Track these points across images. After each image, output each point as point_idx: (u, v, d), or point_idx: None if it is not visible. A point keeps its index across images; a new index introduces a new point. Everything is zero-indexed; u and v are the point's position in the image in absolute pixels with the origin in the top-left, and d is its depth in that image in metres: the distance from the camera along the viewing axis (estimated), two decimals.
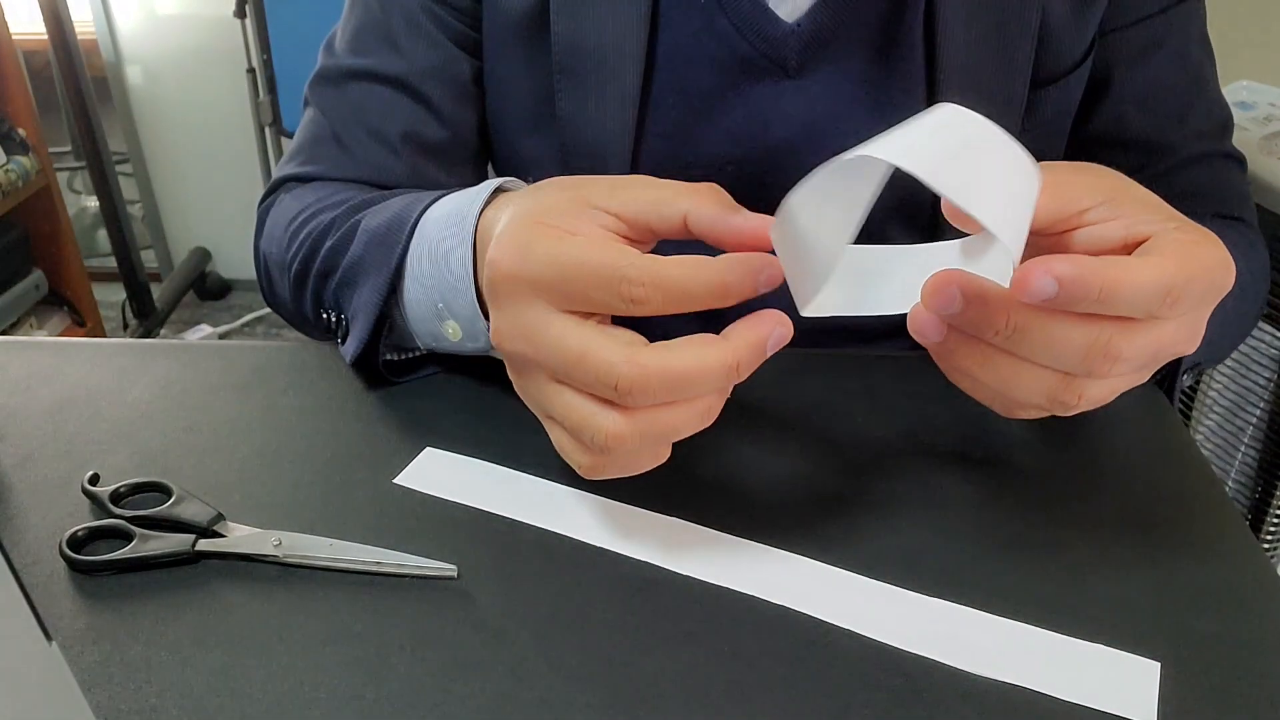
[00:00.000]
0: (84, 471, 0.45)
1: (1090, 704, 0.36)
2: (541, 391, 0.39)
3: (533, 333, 0.37)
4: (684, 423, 0.37)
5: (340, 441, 0.49)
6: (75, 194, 2.53)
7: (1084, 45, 0.60)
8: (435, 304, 0.48)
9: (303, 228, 0.57)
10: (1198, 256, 0.35)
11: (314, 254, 0.55)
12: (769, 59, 0.58)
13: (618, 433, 0.36)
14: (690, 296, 0.36)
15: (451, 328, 0.49)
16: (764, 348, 0.36)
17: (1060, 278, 0.33)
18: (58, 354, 0.57)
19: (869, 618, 0.39)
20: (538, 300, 0.37)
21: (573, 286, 0.36)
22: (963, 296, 0.35)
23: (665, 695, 0.36)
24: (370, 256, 0.50)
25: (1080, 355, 0.35)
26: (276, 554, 0.41)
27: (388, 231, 0.50)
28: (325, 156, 0.63)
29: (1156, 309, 0.34)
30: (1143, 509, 0.45)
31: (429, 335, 0.51)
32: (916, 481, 0.47)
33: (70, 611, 0.39)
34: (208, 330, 2.34)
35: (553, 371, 0.37)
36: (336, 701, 0.35)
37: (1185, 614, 0.40)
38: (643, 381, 0.35)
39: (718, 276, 0.36)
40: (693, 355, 0.35)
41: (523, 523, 0.44)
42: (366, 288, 0.50)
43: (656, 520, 0.44)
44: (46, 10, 1.88)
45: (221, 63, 2.20)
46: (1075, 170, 0.39)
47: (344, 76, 0.63)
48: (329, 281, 0.54)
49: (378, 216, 0.52)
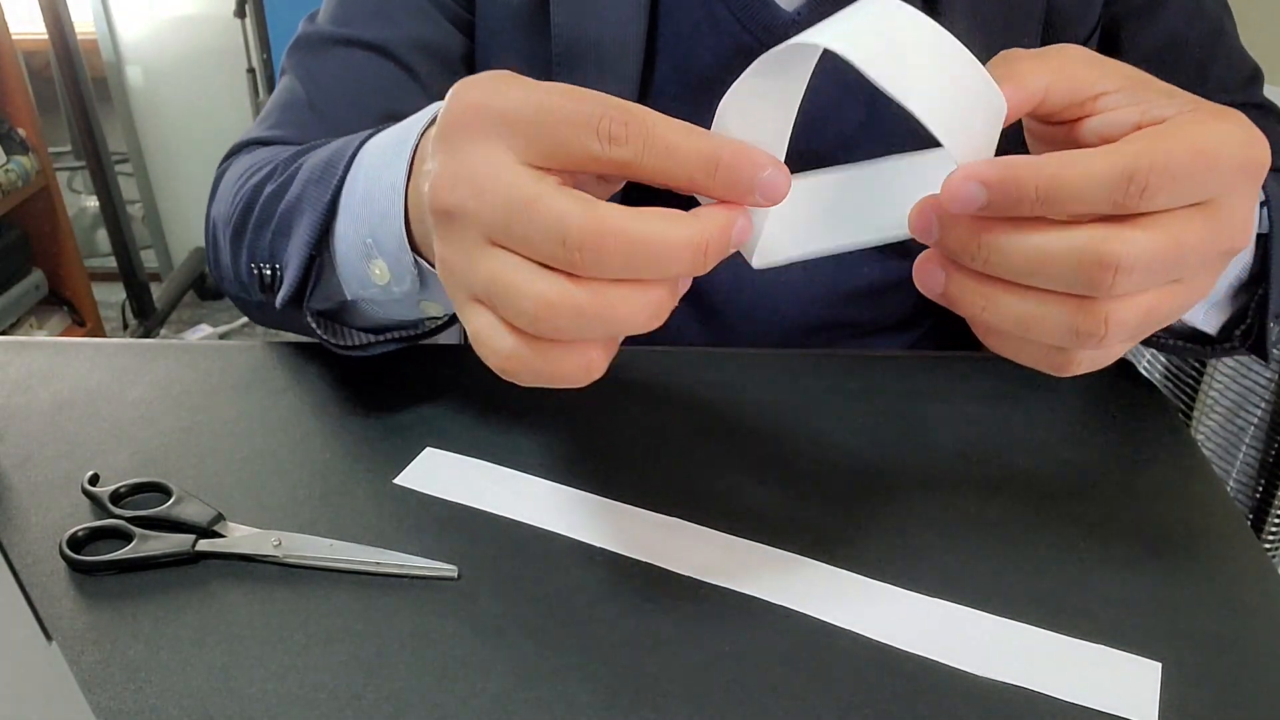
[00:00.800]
0: (84, 471, 0.45)
1: (1091, 704, 0.36)
2: (470, 257, 0.32)
3: (481, 177, 0.32)
4: (630, 311, 0.31)
5: (340, 441, 0.49)
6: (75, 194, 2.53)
7: (1092, 19, 0.59)
8: (364, 239, 0.44)
9: (247, 181, 0.53)
10: (1188, 134, 0.31)
11: (252, 204, 0.51)
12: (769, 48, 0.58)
13: (551, 299, 0.30)
14: (674, 154, 0.31)
15: (379, 268, 0.44)
16: (731, 232, 0.32)
17: (986, 180, 0.30)
18: (58, 354, 0.57)
19: (869, 618, 0.39)
20: (498, 142, 0.32)
21: (545, 126, 0.31)
22: (939, 222, 0.32)
23: (665, 695, 0.36)
24: (306, 195, 0.46)
25: (1072, 267, 0.30)
26: (276, 554, 0.41)
27: (325, 167, 0.46)
28: (295, 121, 0.60)
29: (1122, 199, 0.30)
30: (1143, 509, 0.45)
31: (356, 280, 0.46)
32: (916, 481, 0.47)
33: (70, 611, 0.39)
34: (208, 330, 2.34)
35: (491, 227, 0.32)
36: (336, 701, 0.35)
37: (1186, 614, 0.40)
38: (597, 237, 0.30)
39: (711, 146, 0.31)
40: (659, 223, 0.30)
41: (523, 523, 0.44)
42: (300, 228, 0.46)
43: (656, 520, 0.44)
44: (46, 10, 1.88)
45: (221, 63, 2.20)
46: (1091, 58, 0.35)
47: (325, 42, 0.61)
48: (264, 231, 0.49)
49: (318, 155, 0.48)
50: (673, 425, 0.51)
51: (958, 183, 0.31)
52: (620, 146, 0.30)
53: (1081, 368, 0.35)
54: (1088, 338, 0.32)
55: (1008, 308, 0.33)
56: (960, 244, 0.32)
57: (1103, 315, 0.31)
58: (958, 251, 0.32)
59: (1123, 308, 0.32)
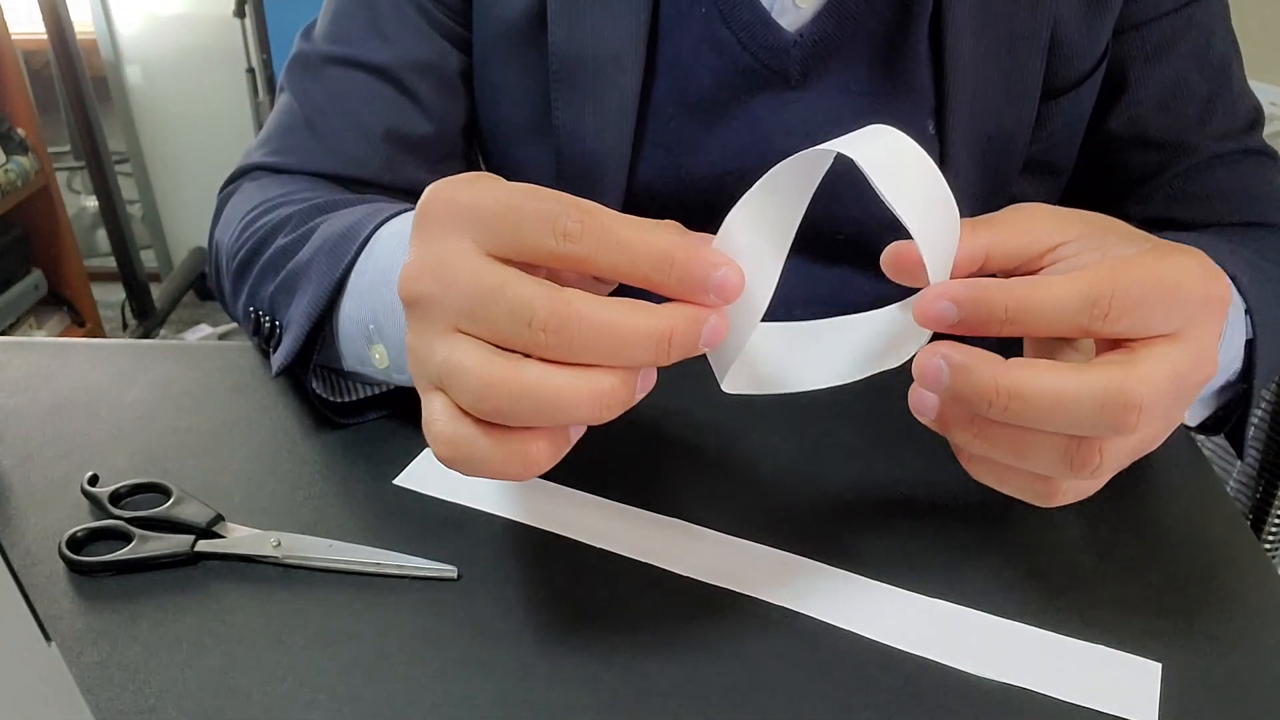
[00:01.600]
0: (83, 472, 0.45)
1: (1091, 705, 0.36)
2: (431, 343, 0.33)
3: (448, 268, 0.32)
4: (577, 396, 0.31)
5: (340, 442, 0.49)
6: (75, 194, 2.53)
7: (1097, 53, 0.59)
8: (367, 324, 0.45)
9: (258, 219, 0.53)
10: (1149, 264, 0.32)
11: (261, 248, 0.51)
12: (771, 69, 0.58)
13: (496, 378, 0.30)
14: (628, 251, 0.31)
15: (379, 353, 0.45)
16: (699, 329, 0.32)
17: (957, 298, 0.32)
18: (57, 354, 0.57)
19: (869, 618, 0.39)
20: (464, 236, 0.32)
21: (507, 220, 0.32)
22: (949, 368, 0.32)
23: (665, 695, 0.36)
24: (317, 264, 0.47)
25: (1096, 410, 0.31)
26: (276, 555, 0.41)
27: (339, 241, 0.46)
28: (296, 147, 0.60)
29: (1086, 323, 0.31)
30: (1143, 509, 0.45)
31: (355, 357, 0.47)
32: (916, 481, 0.47)
33: (70, 612, 0.39)
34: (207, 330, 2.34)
35: (458, 313, 0.32)
36: (336, 701, 0.35)
37: (1186, 614, 0.40)
38: (562, 319, 0.30)
39: (666, 244, 0.31)
40: (624, 310, 0.31)
41: (523, 523, 0.44)
42: (306, 296, 0.47)
43: (656, 520, 0.44)
44: (46, 10, 1.88)
45: (221, 63, 2.20)
46: (1051, 212, 0.37)
47: (323, 62, 0.61)
48: (268, 281, 0.50)
49: (336, 223, 0.48)
50: (673, 426, 0.50)
51: (931, 300, 0.32)
52: (575, 243, 0.31)
53: (1067, 498, 0.35)
54: (1081, 468, 0.33)
55: (1002, 437, 0.33)
56: (977, 392, 0.32)
57: (1097, 446, 0.32)
58: (974, 400, 0.32)
59: (1120, 440, 0.33)
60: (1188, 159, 0.61)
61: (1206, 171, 0.61)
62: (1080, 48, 0.58)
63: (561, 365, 0.31)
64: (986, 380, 0.31)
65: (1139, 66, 0.60)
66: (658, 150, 0.60)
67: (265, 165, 0.61)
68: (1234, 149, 0.61)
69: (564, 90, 0.58)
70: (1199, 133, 0.61)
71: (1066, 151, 0.63)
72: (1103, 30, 0.58)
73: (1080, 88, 0.59)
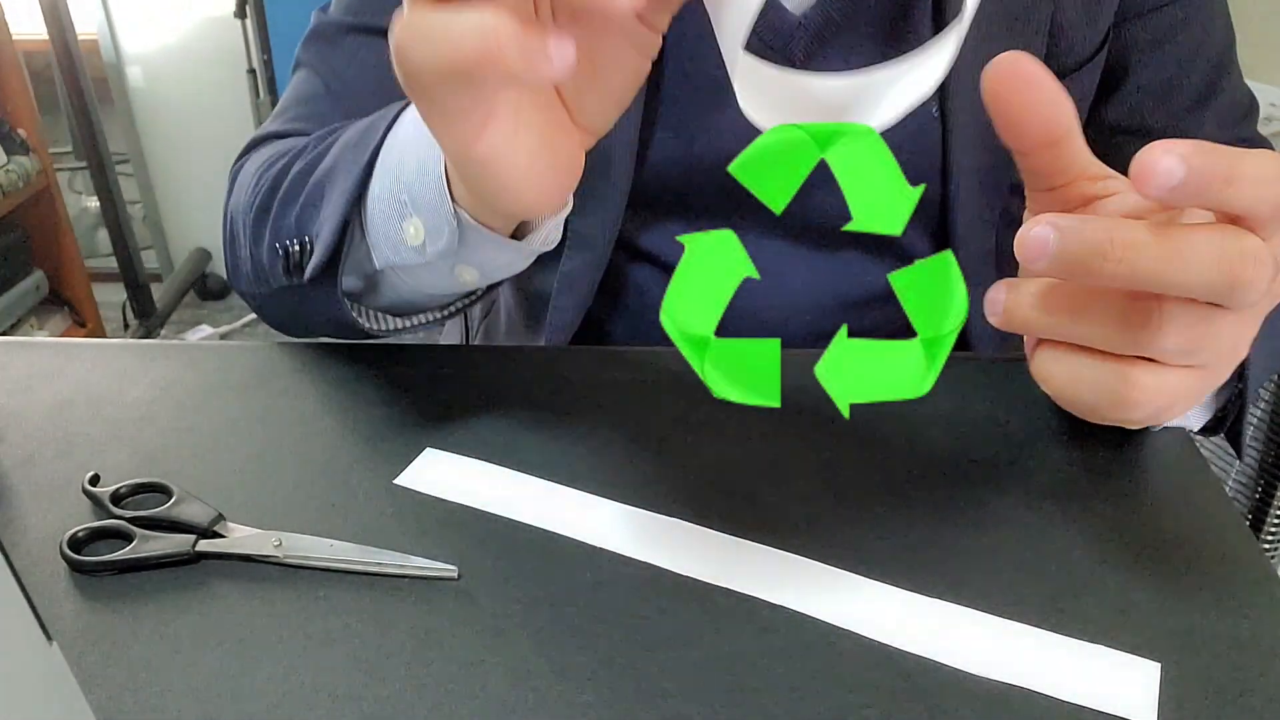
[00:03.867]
0: (84, 472, 0.45)
1: (1090, 704, 0.36)
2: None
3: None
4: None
5: (340, 442, 0.49)
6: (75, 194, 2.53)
7: (1097, 39, 0.59)
8: (399, 196, 0.45)
9: (271, 166, 0.53)
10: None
11: (279, 183, 0.51)
12: (774, 50, 0.58)
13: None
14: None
15: (413, 226, 0.45)
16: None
17: (1186, 155, 0.29)
18: (58, 354, 0.57)
19: (869, 618, 0.39)
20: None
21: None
22: (1057, 231, 0.31)
23: (665, 695, 0.36)
24: (341, 162, 0.47)
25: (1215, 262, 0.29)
26: (277, 554, 0.41)
27: (364, 132, 0.47)
28: (316, 113, 0.59)
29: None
30: (1143, 509, 0.45)
31: (388, 244, 0.47)
32: (916, 481, 0.47)
33: (70, 612, 0.39)
34: (208, 330, 2.34)
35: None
36: (336, 701, 0.35)
37: (1185, 614, 0.40)
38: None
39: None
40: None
41: (523, 523, 0.44)
42: (334, 194, 0.46)
43: (657, 520, 0.44)
44: (47, 11, 1.88)
45: (221, 63, 2.20)
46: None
47: (342, 31, 0.60)
48: (291, 208, 0.49)
49: (355, 127, 0.48)
50: (673, 425, 0.51)
51: (1157, 158, 0.29)
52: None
53: (1142, 403, 0.34)
54: (1182, 335, 0.32)
55: (1099, 307, 0.33)
56: (1091, 245, 0.30)
57: (1203, 312, 0.31)
58: (1087, 255, 0.31)
59: (1221, 319, 0.32)
60: None
61: None
62: (1080, 32, 0.58)
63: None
64: (1100, 232, 0.30)
65: (1139, 56, 0.60)
66: (666, 134, 0.60)
67: (280, 133, 0.60)
68: (1229, 138, 0.61)
69: None
70: (1196, 122, 0.61)
71: None
72: (1103, 16, 0.59)
73: (1081, 72, 0.60)
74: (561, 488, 0.46)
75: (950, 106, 0.58)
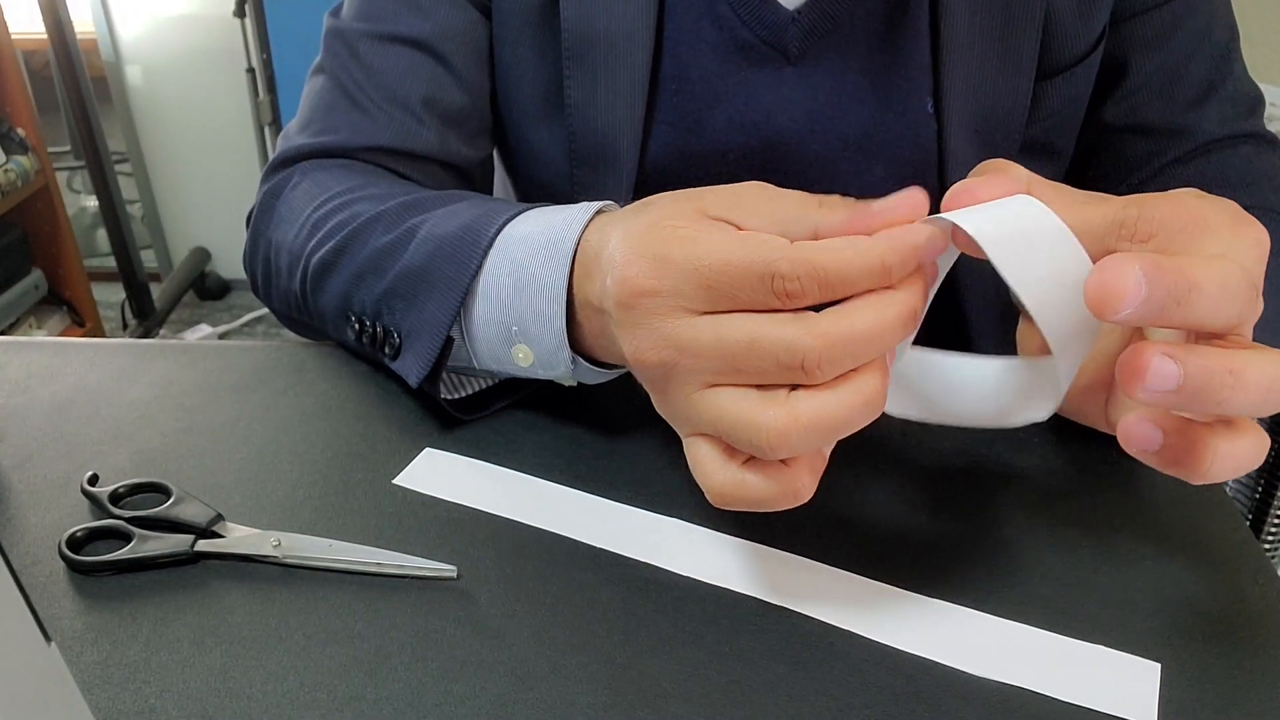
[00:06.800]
0: (83, 472, 0.45)
1: (1090, 705, 0.36)
2: (690, 401, 0.35)
3: (682, 339, 0.35)
4: (853, 410, 0.33)
5: (340, 441, 0.49)
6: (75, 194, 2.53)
7: (1092, 36, 0.59)
8: (509, 327, 0.45)
9: (333, 215, 0.52)
10: (1171, 196, 0.33)
11: (350, 248, 0.50)
12: (769, 45, 0.58)
13: (783, 428, 0.32)
14: (849, 282, 0.33)
15: (523, 352, 0.45)
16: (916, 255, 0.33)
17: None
18: (57, 354, 0.57)
19: (869, 618, 0.39)
20: (680, 311, 0.35)
21: (719, 290, 0.34)
22: (1179, 363, 0.30)
23: (665, 695, 0.36)
24: (437, 269, 0.46)
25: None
26: (276, 554, 0.41)
27: (458, 244, 0.46)
28: (342, 124, 0.59)
29: (1113, 243, 0.32)
30: (1143, 509, 0.45)
31: (491, 358, 0.47)
32: (916, 481, 0.47)
33: (69, 612, 0.39)
34: (207, 330, 2.34)
35: (713, 373, 0.34)
36: (336, 701, 0.35)
37: (1185, 614, 0.39)
38: (829, 350, 0.32)
39: (876, 257, 0.33)
40: (872, 312, 0.33)
41: (523, 523, 0.44)
42: (432, 303, 0.46)
43: (657, 520, 0.44)
44: (46, 10, 1.88)
45: (221, 63, 2.20)
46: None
47: (359, 39, 0.60)
48: (369, 284, 0.49)
49: (443, 224, 0.47)
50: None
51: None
52: (797, 298, 0.33)
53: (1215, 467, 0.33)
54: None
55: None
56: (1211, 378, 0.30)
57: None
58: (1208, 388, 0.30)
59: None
60: (1186, 144, 0.61)
61: (1207, 156, 0.61)
62: (1074, 29, 0.58)
63: (824, 386, 0.33)
64: (1217, 364, 0.30)
65: (1139, 53, 0.60)
66: (665, 128, 0.60)
67: (312, 149, 0.59)
68: (1232, 134, 0.61)
69: (576, 67, 0.59)
70: (1197, 118, 0.61)
71: (1065, 134, 0.63)
72: (1097, 14, 0.59)
73: (1076, 69, 0.60)
74: (561, 488, 0.46)
75: (945, 103, 0.58)
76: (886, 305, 0.33)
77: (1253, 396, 0.30)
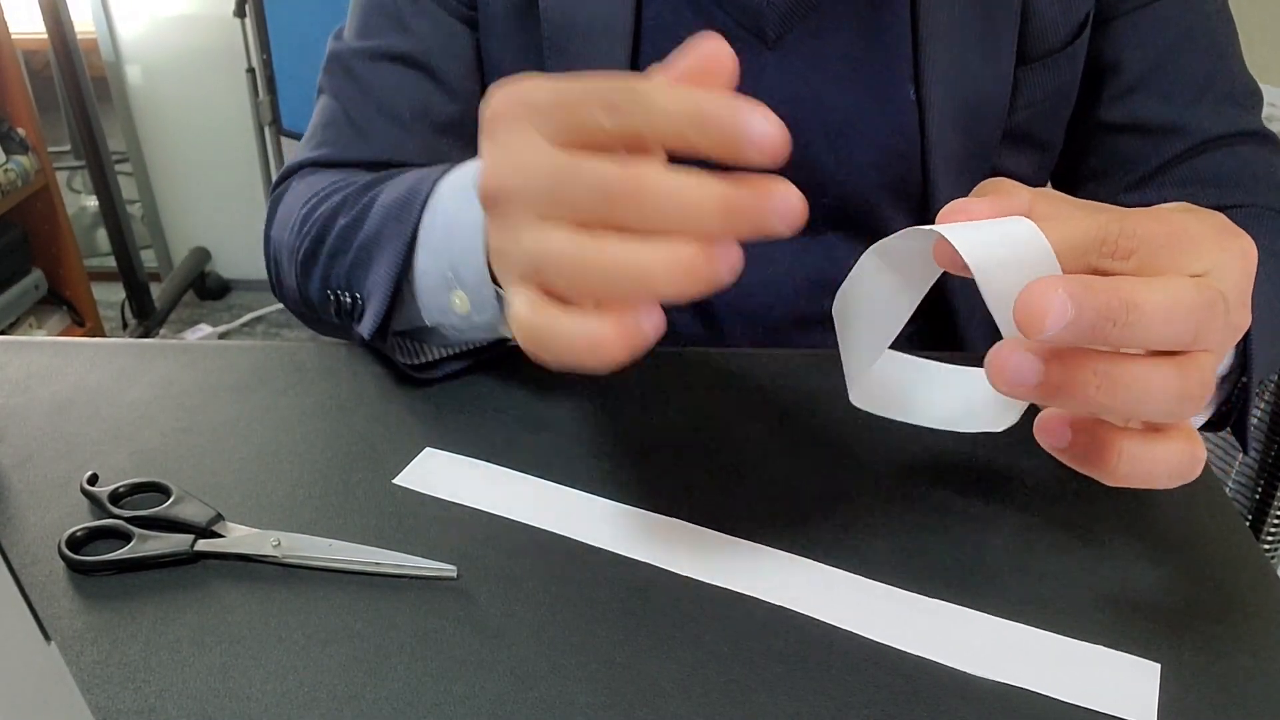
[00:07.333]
0: (83, 471, 0.45)
1: (1090, 705, 0.36)
2: (518, 236, 0.35)
3: (523, 160, 0.35)
4: (661, 263, 0.32)
5: (340, 441, 0.49)
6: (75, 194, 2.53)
7: (1071, 26, 0.59)
8: (445, 272, 0.48)
9: (314, 210, 0.56)
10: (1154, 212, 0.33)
11: (324, 234, 0.54)
12: (746, 29, 0.59)
13: (591, 256, 0.32)
14: (665, 113, 0.32)
15: (459, 298, 0.48)
16: (766, 201, 0.32)
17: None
18: (57, 354, 0.57)
19: (869, 618, 0.39)
20: (531, 130, 0.35)
21: (563, 108, 0.34)
22: (1069, 295, 0.30)
23: (665, 695, 0.36)
24: (385, 231, 0.50)
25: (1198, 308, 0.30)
26: (276, 554, 0.41)
27: (402, 205, 0.50)
28: (338, 139, 0.63)
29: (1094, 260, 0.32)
30: (1143, 509, 0.45)
31: (436, 308, 0.50)
32: (916, 481, 0.47)
33: (69, 611, 0.39)
34: (207, 330, 2.34)
35: (540, 201, 0.34)
36: (336, 701, 0.35)
37: (1185, 614, 0.39)
38: (635, 187, 0.32)
39: (697, 97, 0.32)
40: (689, 178, 0.32)
41: (523, 523, 0.44)
42: (382, 262, 0.50)
43: (657, 520, 0.44)
44: (46, 10, 1.88)
45: (221, 63, 2.20)
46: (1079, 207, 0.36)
47: (353, 58, 0.64)
48: (340, 261, 0.53)
49: (391, 192, 0.51)
50: (673, 425, 0.50)
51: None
52: (625, 116, 0.33)
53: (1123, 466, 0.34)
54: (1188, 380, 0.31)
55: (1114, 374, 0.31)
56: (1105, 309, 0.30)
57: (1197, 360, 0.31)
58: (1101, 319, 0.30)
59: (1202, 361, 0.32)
60: (1183, 141, 0.61)
61: (1205, 153, 0.61)
62: (1053, 17, 0.58)
63: (642, 239, 0.32)
64: (1110, 295, 0.30)
65: (1132, 51, 0.60)
66: None
67: (311, 161, 0.63)
68: (1231, 131, 0.61)
69: (557, 60, 0.60)
70: (1194, 115, 0.61)
71: (1050, 126, 0.64)
72: (1077, 6, 0.59)
73: (1058, 57, 0.60)
74: (561, 488, 0.46)
75: (926, 90, 0.58)
76: (708, 181, 0.32)
77: (1154, 323, 0.30)
